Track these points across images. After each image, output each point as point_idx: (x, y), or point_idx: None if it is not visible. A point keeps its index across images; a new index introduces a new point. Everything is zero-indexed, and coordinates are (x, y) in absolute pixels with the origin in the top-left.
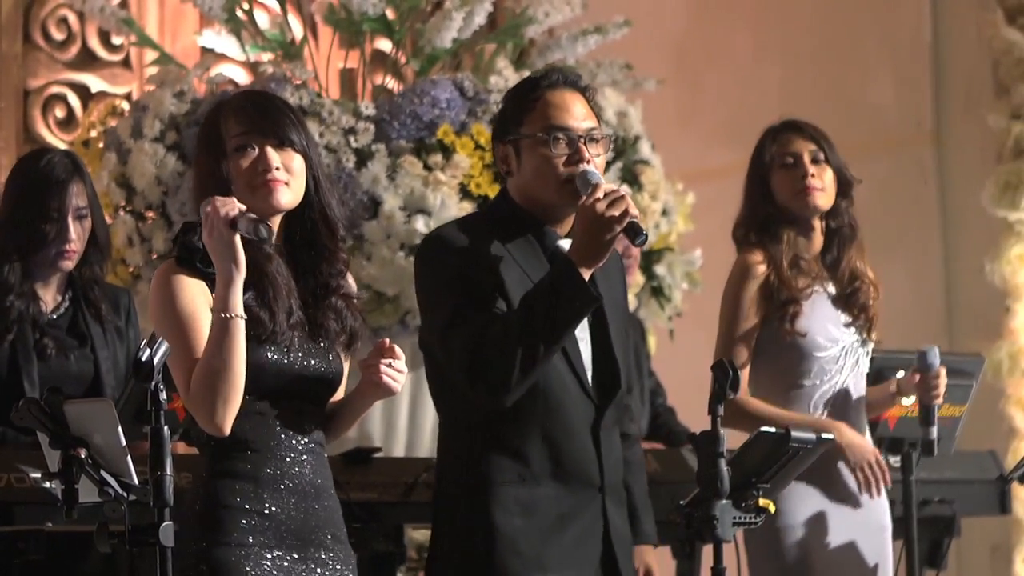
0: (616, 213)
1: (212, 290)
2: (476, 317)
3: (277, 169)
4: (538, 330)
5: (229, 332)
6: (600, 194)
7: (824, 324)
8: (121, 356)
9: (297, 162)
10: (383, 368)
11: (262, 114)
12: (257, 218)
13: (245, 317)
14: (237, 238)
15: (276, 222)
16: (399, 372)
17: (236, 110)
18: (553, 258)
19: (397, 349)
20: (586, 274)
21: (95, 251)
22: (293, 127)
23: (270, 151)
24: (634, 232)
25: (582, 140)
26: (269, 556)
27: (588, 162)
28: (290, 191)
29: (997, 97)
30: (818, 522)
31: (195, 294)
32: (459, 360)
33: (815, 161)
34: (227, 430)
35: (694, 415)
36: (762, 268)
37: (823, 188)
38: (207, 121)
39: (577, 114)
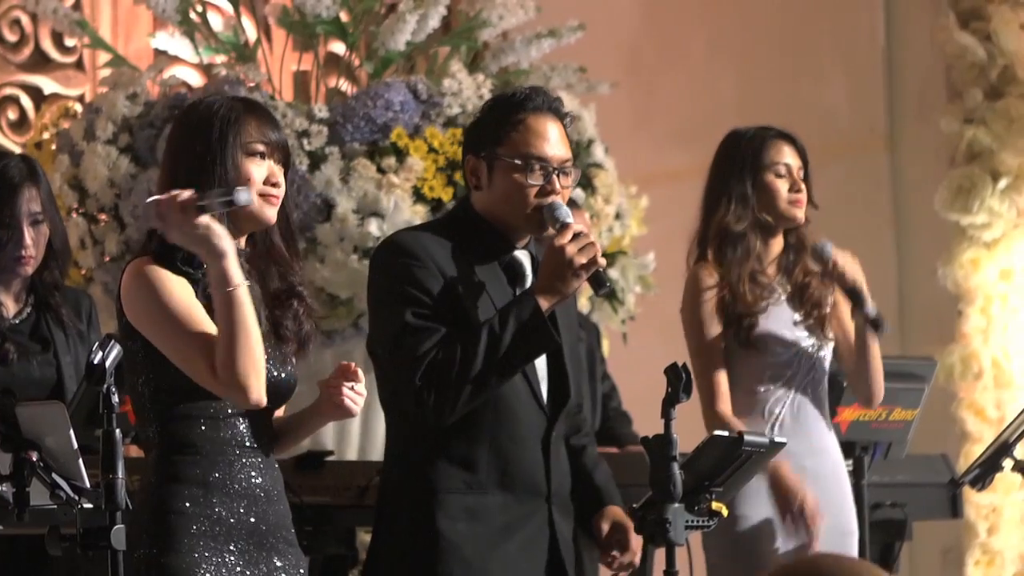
0: (584, 260)
1: (194, 288)
2: (426, 333)
3: (279, 186)
4: (493, 364)
5: (239, 303)
6: (570, 235)
7: (780, 330)
8: (83, 360)
9: (283, 182)
10: (345, 390)
11: (278, 129)
12: (221, 188)
13: (248, 283)
14: (207, 217)
15: (244, 239)
16: (359, 395)
17: (257, 116)
18: (507, 268)
19: (360, 372)
20: (546, 308)
21: (54, 256)
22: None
23: (275, 168)
24: (599, 283)
25: (556, 172)
26: (219, 560)
27: (558, 194)
28: (276, 208)
29: (950, 101)
30: (777, 526)
31: (183, 285)
32: (407, 375)
33: (803, 177)
34: (264, 400)
35: (647, 418)
36: (713, 283)
37: (804, 204)
38: (223, 112)
39: (555, 144)
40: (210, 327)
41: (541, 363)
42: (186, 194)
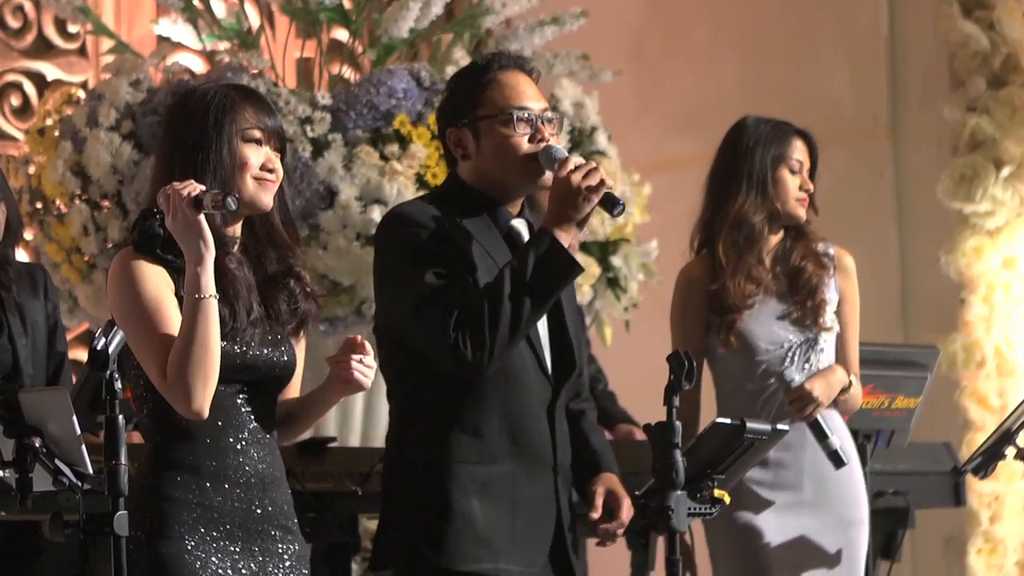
0: (593, 183)
1: (172, 277)
2: (448, 289)
3: (275, 172)
4: (522, 300)
5: (204, 313)
6: (572, 166)
7: (768, 327)
8: (41, 341)
9: (279, 167)
10: (354, 364)
11: (274, 115)
12: (220, 191)
13: (217, 296)
14: (202, 217)
15: (240, 224)
16: (369, 368)
17: (253, 102)
18: (508, 237)
19: (367, 345)
20: (563, 239)
21: (8, 235)
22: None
23: (271, 154)
24: (611, 203)
25: (540, 120)
26: (212, 548)
27: (546, 140)
28: (272, 193)
29: (953, 90)
30: (773, 515)
31: (157, 280)
32: (439, 329)
33: (810, 176)
34: (206, 413)
35: (649, 405)
36: (703, 278)
37: (807, 203)
38: (219, 99)
39: (531, 95)
40: (172, 328)
41: (544, 333)
42: (197, 188)
